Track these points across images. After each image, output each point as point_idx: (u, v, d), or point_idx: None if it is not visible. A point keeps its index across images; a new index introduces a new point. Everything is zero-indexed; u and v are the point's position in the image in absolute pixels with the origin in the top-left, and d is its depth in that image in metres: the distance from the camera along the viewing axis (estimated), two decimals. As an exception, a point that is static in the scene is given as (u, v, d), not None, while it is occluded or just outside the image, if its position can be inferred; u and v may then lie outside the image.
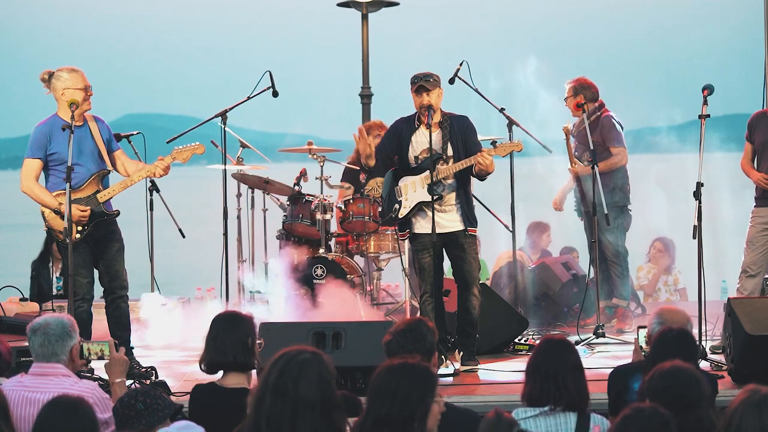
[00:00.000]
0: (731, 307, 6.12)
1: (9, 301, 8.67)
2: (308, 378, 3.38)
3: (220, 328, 4.69)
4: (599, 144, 7.81)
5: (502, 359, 7.04)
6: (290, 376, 3.38)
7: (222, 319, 4.74)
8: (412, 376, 3.59)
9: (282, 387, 3.37)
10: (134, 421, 3.93)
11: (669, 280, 9.87)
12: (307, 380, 3.38)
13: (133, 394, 4.03)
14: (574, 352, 4.25)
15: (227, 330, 4.66)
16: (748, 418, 3.36)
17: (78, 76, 6.49)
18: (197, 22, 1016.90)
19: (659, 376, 3.77)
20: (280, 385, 3.38)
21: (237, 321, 4.69)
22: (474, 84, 7.84)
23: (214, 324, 4.73)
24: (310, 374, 3.39)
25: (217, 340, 4.65)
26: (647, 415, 3.44)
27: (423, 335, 4.43)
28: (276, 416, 3.36)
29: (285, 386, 3.37)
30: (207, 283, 9.27)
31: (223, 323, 4.71)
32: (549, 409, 4.10)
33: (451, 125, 6.72)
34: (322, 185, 8.28)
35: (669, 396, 3.70)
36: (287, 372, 3.39)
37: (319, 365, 3.42)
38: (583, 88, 7.90)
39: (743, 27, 44.65)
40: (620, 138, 7.91)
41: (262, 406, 3.39)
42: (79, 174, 6.44)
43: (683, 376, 3.76)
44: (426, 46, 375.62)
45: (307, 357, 3.42)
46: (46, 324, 4.60)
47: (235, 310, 5.15)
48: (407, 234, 6.81)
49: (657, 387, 3.74)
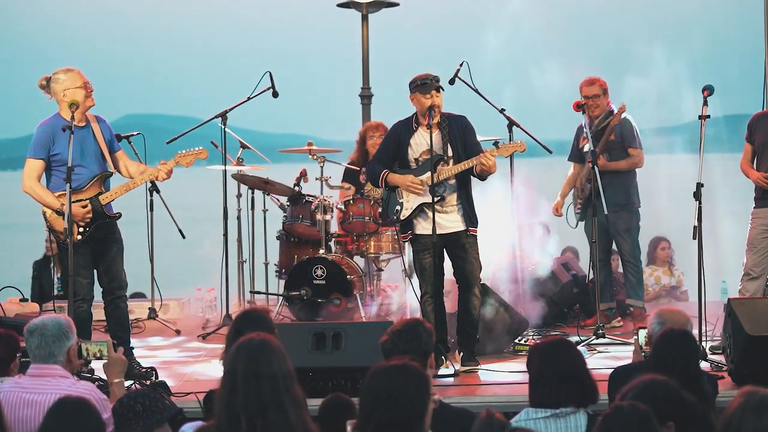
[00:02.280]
0: (731, 307, 6.12)
1: (9, 301, 8.66)
2: (275, 354, 3.55)
3: (243, 325, 4.63)
4: (617, 144, 7.85)
5: (502, 359, 7.04)
6: (260, 358, 3.51)
7: (245, 317, 4.70)
8: (405, 378, 3.58)
9: (254, 370, 3.49)
10: (132, 423, 3.93)
11: (671, 282, 9.88)
12: (276, 356, 3.54)
13: (132, 396, 4.03)
14: (574, 349, 4.24)
15: (251, 327, 4.59)
16: (748, 420, 3.35)
17: (75, 75, 6.49)
18: (197, 22, 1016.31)
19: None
20: (251, 369, 3.49)
21: (260, 318, 4.65)
22: (474, 84, 7.84)
23: (237, 322, 4.69)
24: (275, 350, 3.56)
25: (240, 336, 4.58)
26: (627, 412, 3.43)
27: (419, 335, 4.42)
28: (253, 400, 3.46)
29: (257, 369, 3.50)
30: (207, 284, 9.27)
31: (246, 320, 4.66)
32: (560, 411, 4.08)
33: (449, 126, 6.72)
34: (322, 186, 8.28)
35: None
36: (254, 355, 3.52)
37: (273, 343, 3.60)
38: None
39: (743, 27, 44.46)
40: (639, 140, 7.96)
41: (235, 396, 3.48)
42: (81, 175, 6.45)
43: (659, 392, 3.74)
44: (426, 46, 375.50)
45: (262, 339, 3.59)
46: (43, 325, 4.59)
47: (256, 307, 5.13)
48: (409, 235, 6.81)
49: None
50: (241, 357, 3.54)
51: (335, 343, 5.99)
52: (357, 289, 8.01)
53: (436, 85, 6.65)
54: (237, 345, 3.59)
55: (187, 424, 4.01)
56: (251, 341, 3.58)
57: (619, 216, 7.87)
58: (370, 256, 8.37)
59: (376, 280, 8.62)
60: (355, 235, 8.27)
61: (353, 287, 7.97)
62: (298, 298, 7.95)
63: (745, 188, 7.74)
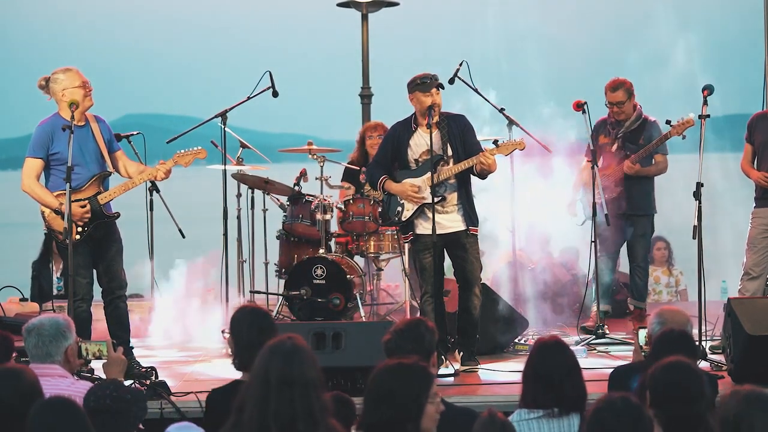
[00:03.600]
0: (731, 307, 6.12)
1: (9, 301, 8.66)
2: (307, 359, 3.41)
3: (242, 324, 4.59)
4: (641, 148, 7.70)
5: (502, 359, 7.04)
6: (294, 364, 3.38)
7: (242, 314, 4.67)
8: (407, 376, 3.59)
9: (288, 377, 3.36)
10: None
11: (670, 281, 9.88)
12: (308, 362, 3.41)
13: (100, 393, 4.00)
14: (567, 351, 4.24)
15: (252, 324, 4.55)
16: (759, 420, 3.33)
17: (74, 74, 6.50)
18: (197, 22, 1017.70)
19: (661, 370, 3.74)
20: (286, 375, 3.37)
21: (259, 315, 4.62)
22: (474, 84, 7.83)
23: (233, 321, 4.66)
24: (307, 356, 3.43)
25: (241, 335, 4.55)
26: (619, 406, 3.39)
27: (422, 335, 4.43)
28: (286, 408, 3.34)
29: (291, 375, 3.37)
30: (207, 283, 9.27)
31: (244, 317, 4.63)
32: (551, 411, 4.08)
33: (449, 125, 6.71)
34: (322, 185, 8.28)
35: (670, 389, 3.68)
36: (288, 361, 3.39)
37: (304, 346, 3.47)
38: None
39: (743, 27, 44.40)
40: (666, 146, 7.78)
41: (267, 404, 3.36)
42: (80, 175, 6.45)
43: (685, 371, 3.74)
44: (426, 46, 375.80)
45: (294, 342, 3.45)
46: (41, 325, 4.59)
47: (255, 305, 5.10)
48: (410, 236, 6.80)
49: (659, 380, 3.70)
50: (275, 361, 3.41)
51: (335, 343, 5.99)
52: (357, 289, 8.01)
53: (437, 83, 6.64)
54: (269, 347, 3.46)
55: (173, 425, 3.97)
56: (282, 344, 3.45)
57: (639, 221, 7.75)
58: (370, 256, 8.36)
59: (376, 280, 8.61)
60: (355, 235, 8.27)
61: (353, 287, 7.96)
62: (298, 298, 7.95)
63: (745, 188, 7.75)
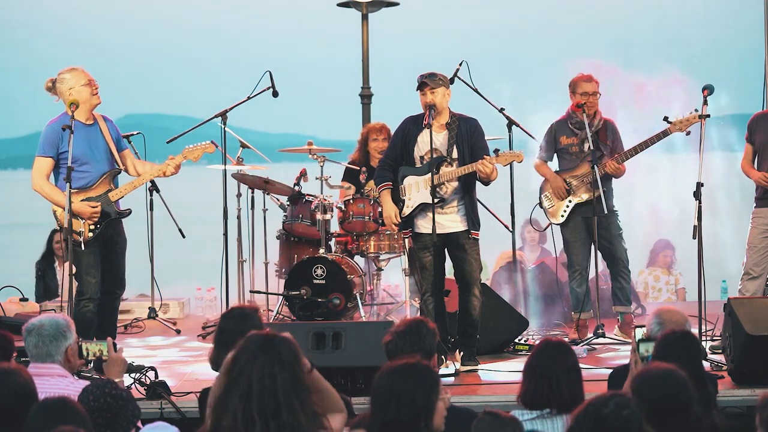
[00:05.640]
0: (731, 307, 6.12)
1: (9, 301, 8.67)
2: (288, 348, 3.41)
3: (229, 325, 4.60)
4: (609, 148, 7.59)
5: (502, 359, 7.04)
6: (273, 359, 3.37)
7: (232, 315, 4.68)
8: (415, 376, 3.59)
9: (269, 371, 3.35)
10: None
11: (670, 279, 9.89)
12: (286, 351, 3.40)
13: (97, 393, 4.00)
14: (570, 354, 4.25)
15: (238, 325, 4.56)
16: None
17: (79, 73, 6.56)
18: (197, 22, 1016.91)
19: (646, 383, 3.73)
20: (266, 369, 3.36)
21: (246, 316, 4.62)
22: (474, 84, 7.82)
23: (223, 320, 4.68)
24: (288, 347, 3.42)
25: (226, 335, 4.54)
26: (615, 405, 3.35)
27: (422, 336, 4.43)
28: (267, 400, 3.33)
29: (271, 370, 3.35)
30: (207, 283, 9.27)
31: (233, 319, 4.64)
32: (546, 412, 4.09)
33: (458, 127, 6.70)
34: (322, 185, 8.28)
35: (655, 400, 3.67)
36: (267, 357, 3.38)
37: (284, 338, 3.45)
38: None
39: (743, 27, 44.47)
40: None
41: (250, 399, 3.34)
42: (90, 173, 6.53)
43: (669, 379, 3.73)
44: (426, 46, 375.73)
45: (271, 336, 3.43)
46: (41, 325, 4.60)
47: (243, 305, 5.12)
48: (410, 232, 6.82)
49: (644, 395, 3.68)
50: (256, 361, 3.39)
51: (335, 343, 6.00)
52: (357, 289, 8.01)
53: (423, 80, 6.65)
54: (241, 346, 3.45)
55: (148, 425, 3.96)
56: (255, 340, 3.44)
57: (611, 221, 7.53)
58: (370, 255, 8.36)
59: (376, 280, 8.61)
60: (355, 235, 8.27)
61: (353, 287, 7.96)
62: (298, 298, 7.95)
63: (746, 188, 7.74)
